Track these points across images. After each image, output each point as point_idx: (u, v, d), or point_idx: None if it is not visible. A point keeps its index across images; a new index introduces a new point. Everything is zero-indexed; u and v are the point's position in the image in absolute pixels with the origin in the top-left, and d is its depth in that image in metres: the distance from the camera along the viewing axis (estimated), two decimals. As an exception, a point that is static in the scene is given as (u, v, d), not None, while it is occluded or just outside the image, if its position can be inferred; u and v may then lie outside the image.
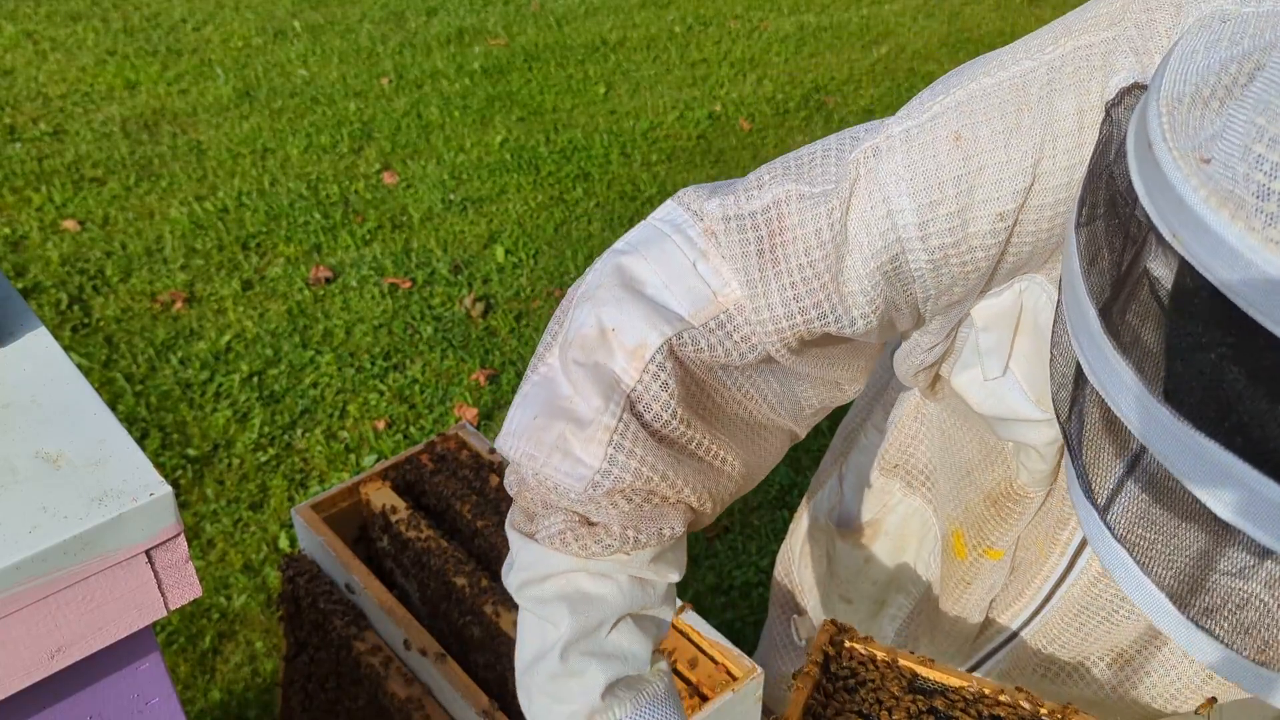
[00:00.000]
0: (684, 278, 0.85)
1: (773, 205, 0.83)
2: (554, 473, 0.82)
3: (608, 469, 0.81)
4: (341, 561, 1.47)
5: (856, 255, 0.81)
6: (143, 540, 0.71)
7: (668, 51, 5.73)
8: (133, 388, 3.13)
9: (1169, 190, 0.52)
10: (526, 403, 0.87)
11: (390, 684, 1.39)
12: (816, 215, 0.82)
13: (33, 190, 4.12)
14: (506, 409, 3.11)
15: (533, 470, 0.84)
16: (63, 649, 0.71)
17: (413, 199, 4.21)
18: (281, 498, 2.79)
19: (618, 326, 0.83)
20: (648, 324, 0.82)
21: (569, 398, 0.83)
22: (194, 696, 2.29)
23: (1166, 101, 0.56)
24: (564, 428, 0.82)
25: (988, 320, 0.91)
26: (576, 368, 0.83)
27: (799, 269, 0.83)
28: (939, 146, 0.78)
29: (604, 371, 0.82)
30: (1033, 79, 0.76)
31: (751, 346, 0.86)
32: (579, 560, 0.85)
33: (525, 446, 0.84)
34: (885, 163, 0.80)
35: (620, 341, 0.82)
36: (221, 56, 5.42)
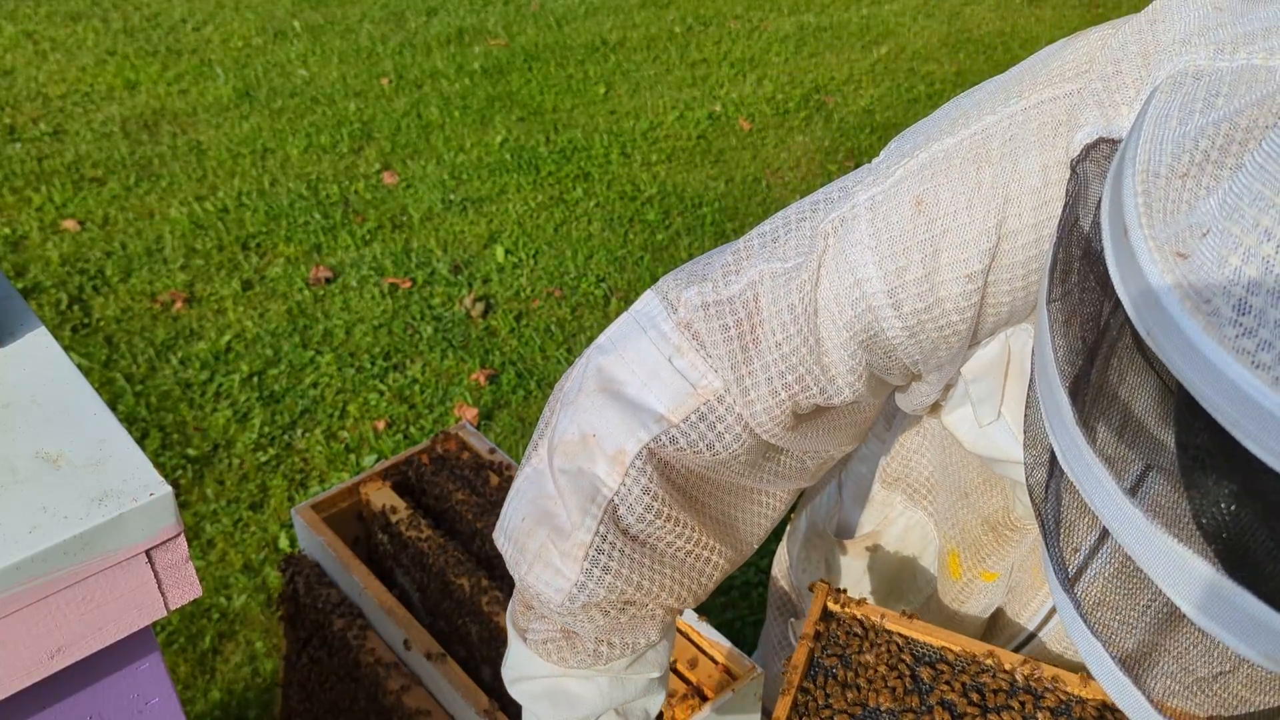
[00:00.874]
0: (660, 374, 0.85)
1: (748, 288, 0.84)
2: (535, 581, 0.86)
3: (583, 582, 0.84)
4: (341, 561, 1.47)
5: (830, 327, 0.81)
6: (143, 540, 0.71)
7: (668, 51, 5.73)
8: (133, 388, 3.13)
9: (1144, 285, 0.50)
10: (518, 499, 0.89)
11: (390, 684, 1.39)
12: (789, 291, 0.82)
13: (33, 190, 4.12)
14: (506, 409, 3.12)
15: (519, 575, 0.88)
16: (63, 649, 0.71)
17: (413, 199, 4.21)
18: (281, 498, 2.79)
19: (597, 433, 0.84)
20: (625, 430, 0.84)
21: (554, 499, 0.86)
22: (194, 696, 2.29)
23: (1143, 177, 0.53)
24: (546, 537, 0.85)
25: (977, 371, 0.90)
26: (561, 475, 0.86)
27: (777, 346, 0.83)
28: (902, 213, 0.77)
29: (586, 479, 0.84)
30: (994, 135, 0.75)
31: (736, 435, 0.86)
32: (562, 669, 0.91)
33: (512, 551, 0.88)
34: (851, 233, 0.80)
35: (601, 448, 0.84)
36: (221, 56, 5.42)
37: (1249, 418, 0.45)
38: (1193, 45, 0.61)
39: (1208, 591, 0.51)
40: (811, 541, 1.48)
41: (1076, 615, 0.62)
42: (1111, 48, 0.69)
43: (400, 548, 1.55)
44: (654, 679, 0.96)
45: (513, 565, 0.88)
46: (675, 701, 1.28)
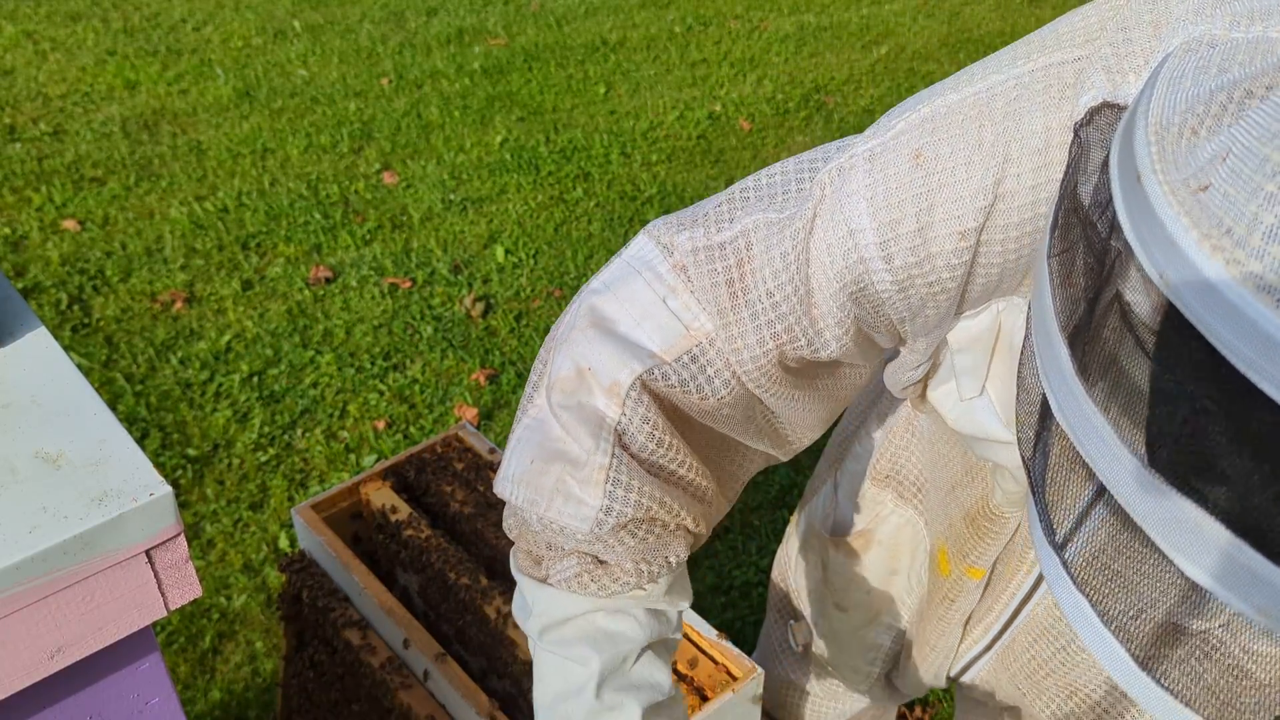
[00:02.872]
0: (654, 314, 0.85)
1: (741, 235, 0.84)
2: (558, 516, 0.84)
3: (609, 505, 0.82)
4: (341, 561, 1.47)
5: (821, 277, 0.81)
6: (143, 540, 0.71)
7: (668, 51, 5.73)
8: (133, 388, 3.13)
9: (1157, 226, 0.49)
10: (521, 447, 0.87)
11: (390, 684, 1.39)
12: (781, 239, 0.82)
13: (33, 190, 4.12)
14: (507, 409, 3.11)
15: (536, 515, 0.85)
16: (63, 649, 0.71)
17: (413, 199, 4.21)
18: (281, 498, 2.79)
19: (593, 366, 0.84)
20: (618, 362, 0.84)
21: (561, 439, 0.84)
22: (194, 696, 2.29)
23: (1155, 129, 0.53)
24: (560, 470, 0.84)
25: (963, 342, 0.90)
26: (562, 410, 0.85)
27: (767, 295, 0.83)
28: (900, 165, 0.77)
29: (588, 410, 0.84)
30: (998, 95, 0.74)
31: (725, 381, 0.86)
32: (597, 600, 0.87)
33: (526, 493, 0.85)
34: (848, 183, 0.79)
35: (597, 380, 0.84)
36: (221, 56, 5.42)
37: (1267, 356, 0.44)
38: (1207, 16, 0.61)
39: (1205, 546, 0.50)
40: (809, 543, 1.48)
41: (1061, 569, 0.61)
42: (1123, 15, 0.69)
43: (400, 548, 1.55)
44: (683, 610, 0.95)
45: (527, 507, 0.85)
46: (675, 701, 1.28)
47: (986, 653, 1.25)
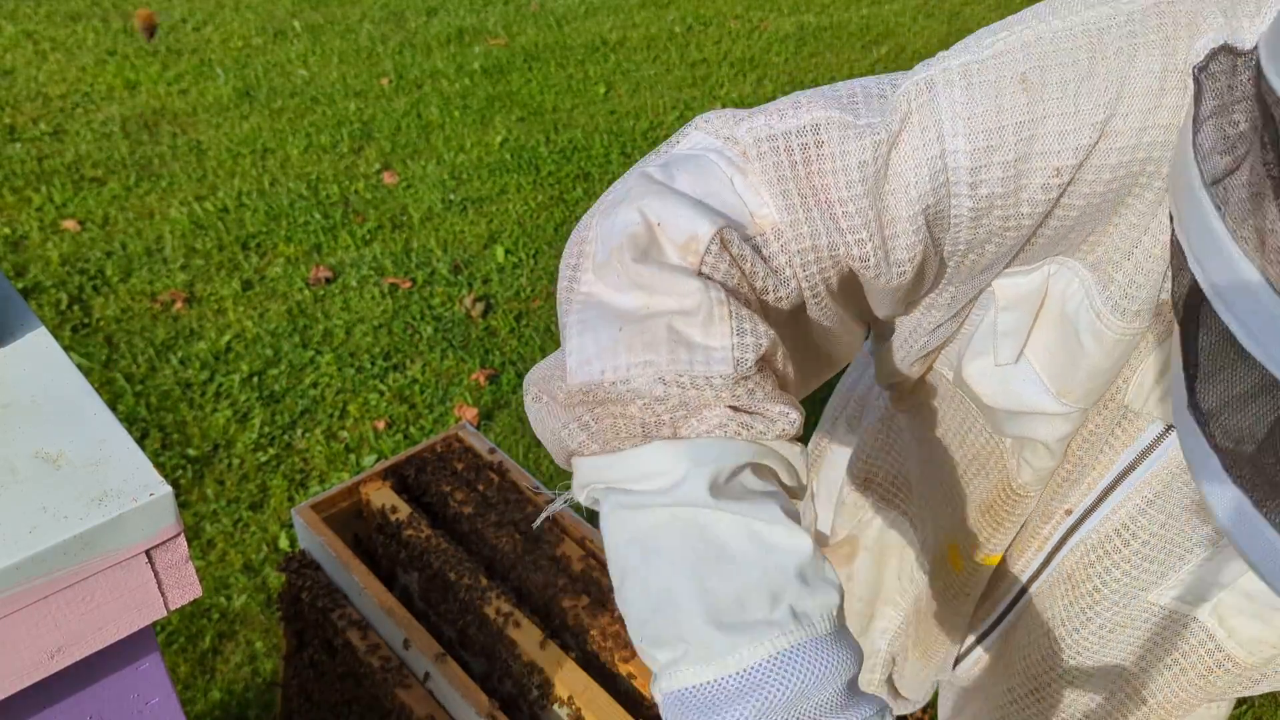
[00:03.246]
0: (720, 193, 0.75)
1: (810, 128, 0.75)
2: (688, 367, 0.69)
3: (741, 340, 0.70)
4: (341, 561, 1.47)
5: (901, 195, 0.74)
6: (143, 540, 0.71)
7: (668, 51, 5.73)
8: (133, 388, 3.13)
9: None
10: (590, 327, 0.72)
11: (390, 684, 1.39)
12: (861, 147, 0.74)
13: (33, 190, 4.12)
14: (507, 409, 3.11)
15: (656, 376, 0.69)
16: (63, 649, 0.71)
17: (413, 199, 4.21)
18: (281, 498, 2.79)
19: (663, 220, 0.72)
20: (697, 214, 0.72)
21: (645, 304, 0.71)
22: (194, 696, 2.29)
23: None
24: (667, 322, 0.70)
25: (1010, 300, 0.87)
26: (637, 267, 0.71)
27: (839, 202, 0.74)
28: (1003, 87, 0.71)
29: (668, 265, 0.71)
30: (1110, 29, 0.70)
31: (784, 280, 0.77)
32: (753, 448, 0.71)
33: (632, 358, 0.69)
34: (942, 98, 0.73)
35: (668, 236, 0.72)
36: (221, 56, 5.42)
37: None
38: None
39: None
40: None
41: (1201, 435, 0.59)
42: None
43: (400, 547, 1.55)
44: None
45: (639, 374, 0.69)
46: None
47: (985, 638, 1.24)
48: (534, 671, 1.35)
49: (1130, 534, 0.99)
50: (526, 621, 1.38)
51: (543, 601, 1.45)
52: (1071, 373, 0.90)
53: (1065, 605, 1.10)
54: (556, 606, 1.43)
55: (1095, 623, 1.07)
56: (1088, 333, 0.86)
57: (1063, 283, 0.85)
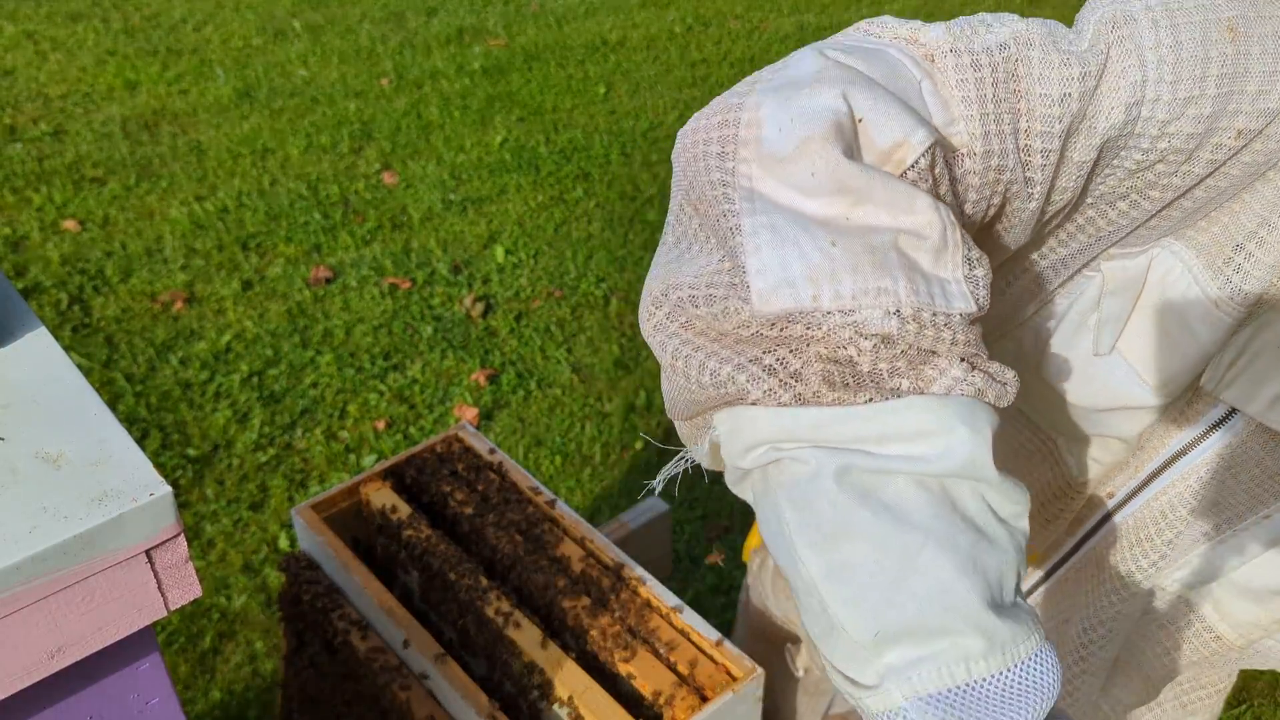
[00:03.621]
0: (911, 98, 0.62)
1: (1013, 44, 0.64)
2: (929, 301, 0.57)
3: (971, 273, 0.60)
4: (341, 561, 1.47)
5: (1086, 135, 0.66)
6: (143, 540, 0.71)
7: (668, 51, 5.73)
8: (133, 388, 3.13)
9: None
10: (785, 238, 0.57)
11: (390, 684, 1.39)
12: (1066, 77, 0.64)
13: (33, 190, 4.12)
14: (507, 409, 3.12)
15: (894, 309, 0.56)
16: (63, 649, 0.71)
17: (413, 199, 4.21)
18: (281, 498, 2.79)
19: (868, 117, 0.59)
20: (910, 118, 0.60)
21: (844, 215, 0.57)
22: (194, 696, 2.29)
23: None
24: (893, 241, 0.58)
25: (1118, 283, 0.80)
26: (849, 165, 0.57)
27: (1034, 134, 0.65)
28: (1210, 32, 0.64)
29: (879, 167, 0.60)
30: None
31: (974, 204, 0.67)
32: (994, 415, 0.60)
33: (861, 282, 0.56)
34: (1146, 35, 0.64)
35: (870, 137, 0.59)
36: (221, 56, 5.42)
37: None
38: None
39: None
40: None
41: None
42: None
43: (400, 547, 1.55)
44: None
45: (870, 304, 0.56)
46: (675, 701, 1.28)
47: None
48: (534, 671, 1.35)
49: (1167, 523, 0.96)
50: (526, 622, 1.38)
51: (543, 602, 1.45)
52: (1173, 362, 0.83)
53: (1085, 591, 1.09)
54: (557, 607, 1.43)
55: (1109, 611, 1.06)
56: (1200, 321, 0.79)
57: (1163, 268, 0.78)
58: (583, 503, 2.84)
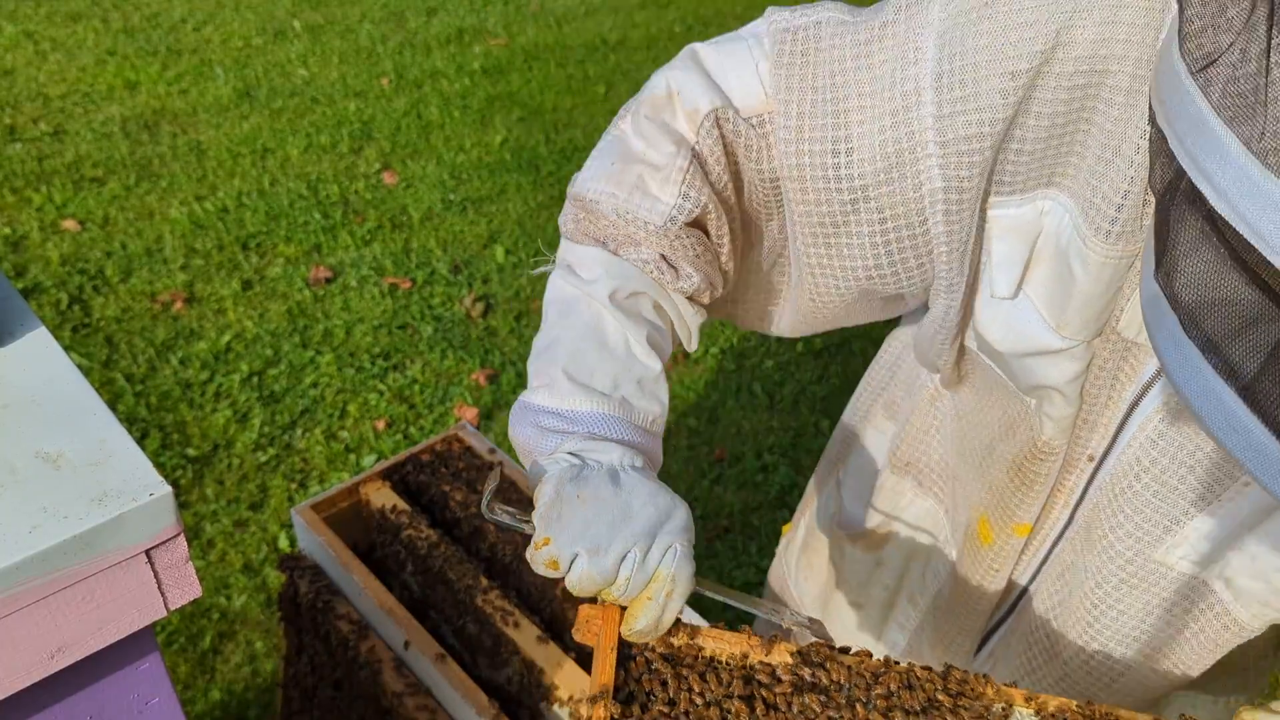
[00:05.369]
0: (743, 73, 0.94)
1: (814, 25, 0.91)
2: (635, 208, 0.94)
3: (681, 204, 0.93)
4: (341, 562, 1.47)
5: (878, 98, 0.86)
6: (143, 540, 0.71)
7: (668, 51, 5.73)
8: (133, 388, 3.13)
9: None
10: (601, 155, 0.98)
11: (390, 684, 1.39)
12: (855, 41, 0.88)
13: (33, 190, 4.12)
14: (506, 409, 3.11)
15: (613, 207, 0.95)
16: (63, 649, 0.71)
17: (413, 199, 4.21)
18: (281, 498, 2.79)
19: (680, 90, 0.94)
20: (701, 92, 0.93)
21: (642, 149, 0.95)
22: (194, 696, 2.29)
23: None
24: (641, 170, 0.94)
25: (1003, 229, 0.92)
26: (647, 122, 0.95)
27: (825, 87, 0.90)
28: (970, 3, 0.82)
29: (671, 128, 0.95)
30: None
31: (771, 159, 0.94)
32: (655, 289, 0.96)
33: (606, 187, 0.95)
34: (923, 13, 0.85)
35: (681, 104, 0.94)
36: (221, 56, 5.42)
37: None
38: None
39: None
40: (811, 546, 1.48)
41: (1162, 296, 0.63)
42: None
43: (400, 547, 1.55)
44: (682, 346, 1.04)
45: (604, 200, 0.95)
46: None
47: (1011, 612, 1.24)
48: (534, 671, 1.35)
49: (1142, 468, 1.00)
50: (526, 621, 1.38)
51: (542, 601, 1.45)
52: (1065, 303, 0.93)
53: (1083, 562, 1.10)
54: (556, 607, 1.43)
55: (1110, 582, 1.07)
56: (1076, 259, 0.90)
57: (1055, 219, 0.90)
58: (583, 503, 2.84)
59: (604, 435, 0.88)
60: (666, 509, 0.84)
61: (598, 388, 0.90)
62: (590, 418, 0.88)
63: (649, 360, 0.92)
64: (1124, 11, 0.76)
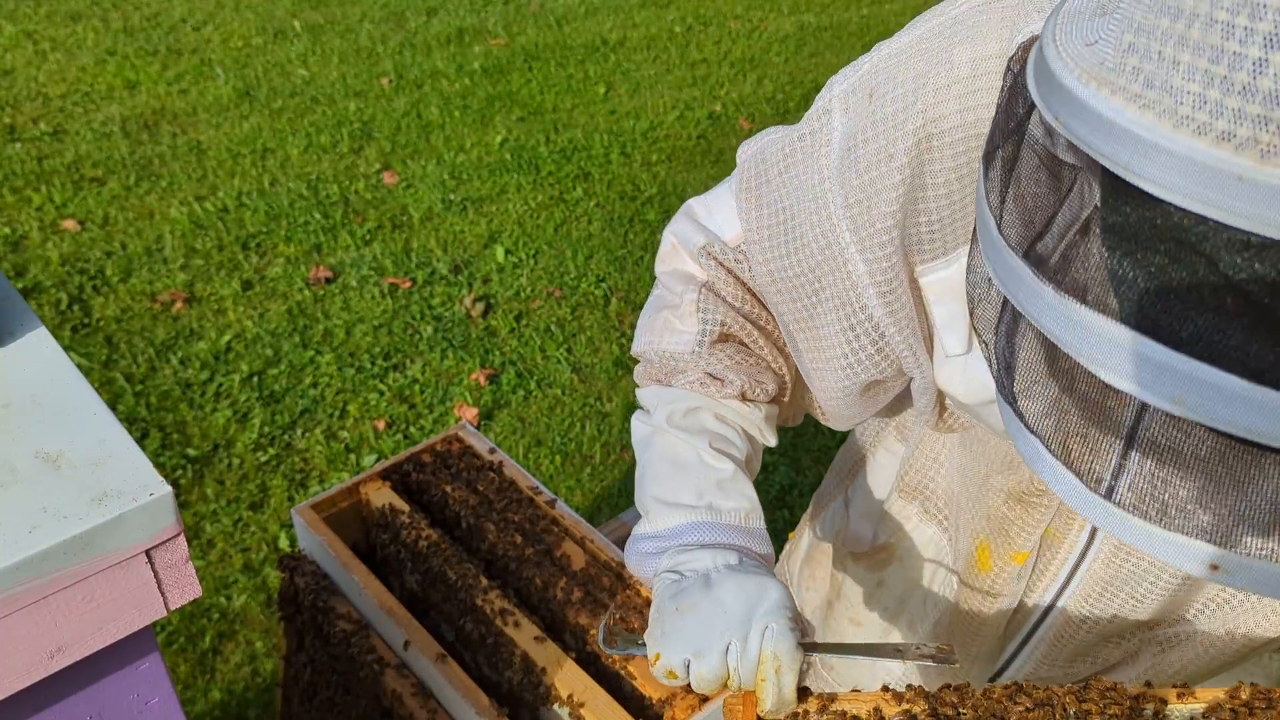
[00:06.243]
0: (725, 210, 1.08)
1: (763, 148, 1.03)
2: (669, 345, 1.08)
3: (702, 328, 1.06)
4: (341, 561, 1.47)
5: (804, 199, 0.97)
6: (143, 540, 0.71)
7: (668, 51, 5.73)
8: (133, 388, 3.13)
9: (1052, 78, 0.58)
10: (644, 311, 1.14)
11: (390, 684, 1.39)
12: (785, 154, 0.99)
13: (33, 190, 4.12)
14: (507, 409, 3.12)
15: (655, 351, 1.09)
16: (63, 649, 0.71)
17: (413, 199, 4.22)
18: (281, 498, 2.79)
19: (680, 238, 1.09)
20: (696, 233, 1.08)
21: (664, 294, 1.11)
22: (194, 696, 2.29)
23: (1064, 16, 0.62)
24: (667, 315, 1.09)
25: (939, 293, 0.95)
26: (664, 275, 1.12)
27: (767, 205, 1.02)
28: (861, 103, 0.92)
29: (681, 272, 1.10)
30: (935, 35, 0.87)
31: (751, 273, 1.05)
32: (712, 400, 1.07)
33: (646, 337, 1.11)
34: (831, 119, 0.96)
35: (683, 248, 1.09)
36: (221, 56, 5.42)
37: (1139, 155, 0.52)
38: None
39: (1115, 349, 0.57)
40: (814, 557, 1.47)
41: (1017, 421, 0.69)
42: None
43: (400, 547, 1.56)
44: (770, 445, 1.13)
45: (647, 348, 1.10)
46: (675, 701, 1.29)
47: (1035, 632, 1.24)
48: (534, 671, 1.35)
49: None
50: (526, 621, 1.38)
51: (542, 601, 1.45)
52: None
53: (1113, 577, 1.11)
54: (556, 606, 1.43)
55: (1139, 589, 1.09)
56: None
57: None
58: (583, 502, 2.84)
59: (695, 543, 0.98)
60: (756, 594, 0.90)
61: (685, 502, 1.00)
62: (680, 530, 0.99)
63: (719, 463, 1.03)
64: (979, 81, 0.82)
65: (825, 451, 2.92)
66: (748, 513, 1.02)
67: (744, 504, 1.01)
